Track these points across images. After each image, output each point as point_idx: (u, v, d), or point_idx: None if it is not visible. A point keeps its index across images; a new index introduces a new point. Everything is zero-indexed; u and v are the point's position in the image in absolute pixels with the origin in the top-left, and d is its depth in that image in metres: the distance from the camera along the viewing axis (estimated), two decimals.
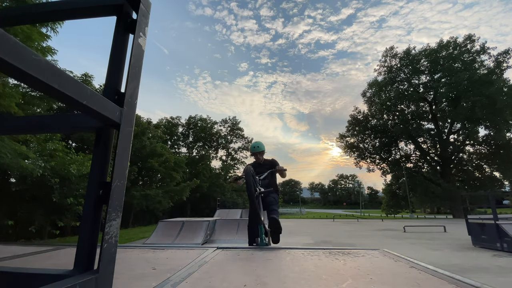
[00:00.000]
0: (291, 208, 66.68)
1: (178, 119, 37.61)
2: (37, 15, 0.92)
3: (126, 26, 0.83)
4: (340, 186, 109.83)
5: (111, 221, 0.69)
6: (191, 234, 7.63)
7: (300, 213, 48.67)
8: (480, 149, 31.58)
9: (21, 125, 0.95)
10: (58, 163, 8.75)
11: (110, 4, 0.82)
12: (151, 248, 2.24)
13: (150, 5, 0.88)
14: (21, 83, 1.02)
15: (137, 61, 0.81)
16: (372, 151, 36.49)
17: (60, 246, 2.36)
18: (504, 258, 5.69)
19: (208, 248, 2.13)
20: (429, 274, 1.35)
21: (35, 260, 1.82)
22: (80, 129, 0.84)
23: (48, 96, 4.22)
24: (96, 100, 0.61)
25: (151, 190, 19.72)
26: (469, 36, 30.04)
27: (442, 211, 48.85)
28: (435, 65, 31.29)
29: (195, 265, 1.58)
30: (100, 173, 0.72)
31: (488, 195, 7.78)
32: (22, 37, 6.13)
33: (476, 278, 1.31)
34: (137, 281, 1.28)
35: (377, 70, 36.03)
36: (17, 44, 0.42)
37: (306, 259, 1.75)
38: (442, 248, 7.24)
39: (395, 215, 33.88)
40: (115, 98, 0.76)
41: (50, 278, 0.70)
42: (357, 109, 37.55)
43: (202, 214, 26.37)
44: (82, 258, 0.67)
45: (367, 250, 2.06)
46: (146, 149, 20.28)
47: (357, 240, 9.46)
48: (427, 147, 34.53)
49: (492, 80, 26.59)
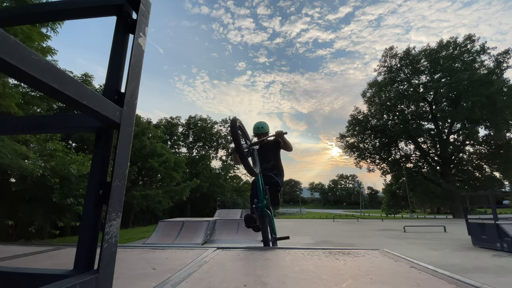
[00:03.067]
0: (291, 208, 66.68)
1: (178, 119, 37.63)
2: (37, 15, 0.92)
3: (126, 26, 0.83)
4: (340, 186, 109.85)
5: (111, 221, 0.69)
6: (191, 234, 7.64)
7: (300, 213, 48.67)
8: (480, 149, 31.59)
9: (21, 125, 0.95)
10: (58, 163, 8.75)
11: (110, 4, 0.82)
12: (151, 248, 2.24)
13: (150, 5, 0.88)
14: (21, 83, 1.02)
15: (137, 61, 0.81)
16: (372, 151, 36.49)
17: (60, 246, 2.36)
18: (504, 258, 5.69)
19: (208, 248, 2.13)
20: (429, 274, 1.35)
21: (35, 260, 1.82)
22: (80, 129, 0.84)
23: (48, 96, 4.23)
24: (96, 100, 0.61)
25: (151, 190, 19.72)
26: (469, 36, 30.08)
27: (442, 211, 48.82)
28: (435, 65, 31.31)
29: (195, 265, 1.58)
30: (100, 173, 0.72)
31: (488, 195, 7.79)
32: (22, 37, 6.14)
33: (476, 278, 1.31)
34: (137, 281, 1.28)
35: (377, 70, 36.11)
36: (17, 44, 0.42)
37: (306, 259, 1.75)
38: (442, 248, 7.24)
39: (395, 215, 33.88)
40: (115, 98, 0.76)
41: (50, 278, 0.70)
42: (357, 109, 37.65)
43: (202, 214, 26.37)
44: (82, 258, 0.67)
45: (367, 250, 2.06)
46: (146, 149, 20.29)
47: (357, 240, 9.45)
48: (427, 147, 34.54)
49: (492, 80, 26.61)
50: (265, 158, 3.17)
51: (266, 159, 3.17)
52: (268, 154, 3.19)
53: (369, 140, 36.86)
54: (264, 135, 3.16)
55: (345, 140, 37.81)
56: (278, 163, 3.23)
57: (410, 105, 33.79)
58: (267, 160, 3.16)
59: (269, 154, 3.19)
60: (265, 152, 3.18)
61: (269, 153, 3.19)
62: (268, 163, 3.15)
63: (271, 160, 3.18)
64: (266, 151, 3.20)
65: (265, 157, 3.17)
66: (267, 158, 3.18)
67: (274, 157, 3.20)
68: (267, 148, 3.21)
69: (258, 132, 3.18)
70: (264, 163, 3.13)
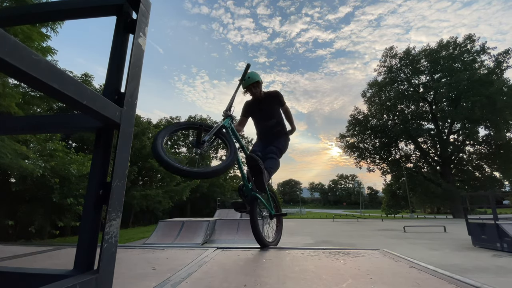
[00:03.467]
0: (291, 208, 66.69)
1: (178, 119, 37.61)
2: (37, 15, 0.92)
3: (126, 26, 0.83)
4: (340, 186, 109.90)
5: (111, 221, 0.69)
6: (191, 234, 7.64)
7: (300, 213, 48.67)
8: (480, 149, 31.60)
9: (21, 125, 0.95)
10: (58, 163, 8.76)
11: (110, 4, 0.82)
12: (151, 248, 2.24)
13: (150, 5, 0.88)
14: (21, 83, 1.02)
15: (137, 61, 0.81)
16: (372, 151, 36.51)
17: (60, 246, 2.36)
18: (504, 258, 5.69)
19: (208, 248, 2.13)
20: (429, 274, 1.35)
21: (35, 260, 1.81)
22: (80, 129, 0.84)
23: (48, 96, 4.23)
24: (96, 100, 0.61)
25: (151, 190, 19.73)
26: (469, 36, 30.11)
27: (442, 211, 48.83)
28: (435, 65, 31.33)
29: (195, 265, 1.58)
30: (100, 173, 0.72)
31: (488, 195, 7.79)
32: (22, 37, 6.14)
33: (476, 278, 1.31)
34: (137, 281, 1.28)
35: (377, 70, 36.16)
36: (17, 44, 0.43)
37: (306, 259, 1.75)
38: (442, 248, 7.24)
39: (395, 215, 33.90)
40: (115, 98, 0.76)
41: (50, 278, 0.70)
42: (357, 109, 37.69)
43: (202, 214, 26.38)
44: (82, 258, 0.67)
45: (367, 250, 2.06)
46: (146, 149, 20.28)
47: (357, 240, 9.46)
48: (427, 147, 34.56)
49: (492, 80, 26.63)
50: (266, 114, 2.58)
51: (267, 116, 2.58)
52: (268, 109, 2.57)
53: (369, 140, 36.88)
54: (255, 86, 2.46)
55: (345, 140, 37.85)
56: (282, 119, 2.64)
57: (410, 105, 33.82)
58: (269, 116, 2.57)
59: (269, 108, 2.58)
60: (263, 107, 2.56)
61: (269, 107, 2.58)
62: (270, 120, 2.58)
63: (274, 116, 2.58)
64: (265, 105, 2.56)
65: (266, 114, 2.58)
66: (268, 114, 2.58)
67: (276, 112, 2.60)
68: (265, 101, 2.55)
69: (248, 84, 2.45)
70: (265, 121, 2.59)
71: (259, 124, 2.69)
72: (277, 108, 2.62)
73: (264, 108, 2.56)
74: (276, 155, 2.42)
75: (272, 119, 2.58)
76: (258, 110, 2.59)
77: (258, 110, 2.59)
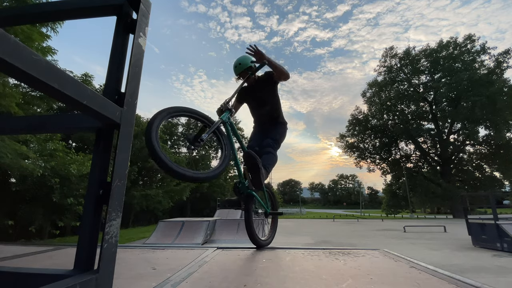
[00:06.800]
0: (291, 208, 66.69)
1: (178, 119, 37.63)
2: (37, 15, 0.92)
3: (126, 26, 0.83)
4: (340, 186, 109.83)
5: (111, 221, 0.69)
6: (191, 234, 7.64)
7: (300, 213, 48.67)
8: (480, 149, 31.61)
9: (21, 125, 0.95)
10: (58, 163, 8.76)
11: (110, 4, 0.82)
12: (151, 248, 2.24)
13: (150, 5, 0.88)
14: (21, 83, 1.03)
15: (137, 61, 0.81)
16: (372, 151, 36.53)
17: (60, 246, 2.36)
18: (504, 258, 5.69)
19: (208, 248, 2.13)
20: (429, 274, 1.35)
21: (35, 260, 1.82)
22: (80, 129, 0.84)
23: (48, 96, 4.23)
24: (96, 100, 0.61)
25: (151, 190, 19.73)
26: (469, 36, 30.12)
27: (442, 211, 48.81)
28: (435, 65, 31.34)
29: (195, 265, 1.58)
30: (100, 173, 0.72)
31: (488, 195, 7.79)
32: (22, 37, 6.14)
33: (476, 278, 1.31)
34: (137, 281, 1.28)
35: (376, 70, 36.17)
36: (17, 44, 0.43)
37: (306, 259, 1.75)
38: (442, 248, 7.25)
39: (395, 215, 33.90)
40: (115, 98, 0.76)
41: (50, 278, 0.70)
42: (358, 108, 37.69)
43: (202, 214, 26.38)
44: (82, 258, 0.67)
45: (367, 250, 2.06)
46: (146, 149, 20.28)
47: (357, 240, 9.46)
48: (427, 147, 34.56)
49: (492, 80, 26.64)
50: (259, 101, 2.44)
51: (261, 103, 2.44)
52: (261, 95, 2.41)
53: (369, 140, 36.90)
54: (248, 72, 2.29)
55: (345, 140, 37.85)
56: (278, 105, 2.46)
57: (410, 105, 33.83)
58: (262, 103, 2.43)
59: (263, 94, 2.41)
60: (257, 93, 2.41)
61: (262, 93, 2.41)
62: (263, 108, 2.43)
63: (268, 102, 2.42)
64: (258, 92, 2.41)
65: (259, 101, 2.44)
66: (262, 100, 2.43)
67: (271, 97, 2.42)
68: (258, 87, 2.41)
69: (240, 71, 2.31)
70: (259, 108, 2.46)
71: (254, 112, 2.58)
72: (272, 91, 2.43)
73: (258, 95, 2.43)
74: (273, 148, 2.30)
75: (266, 106, 2.43)
76: (252, 97, 2.46)
77: (252, 97, 2.46)
